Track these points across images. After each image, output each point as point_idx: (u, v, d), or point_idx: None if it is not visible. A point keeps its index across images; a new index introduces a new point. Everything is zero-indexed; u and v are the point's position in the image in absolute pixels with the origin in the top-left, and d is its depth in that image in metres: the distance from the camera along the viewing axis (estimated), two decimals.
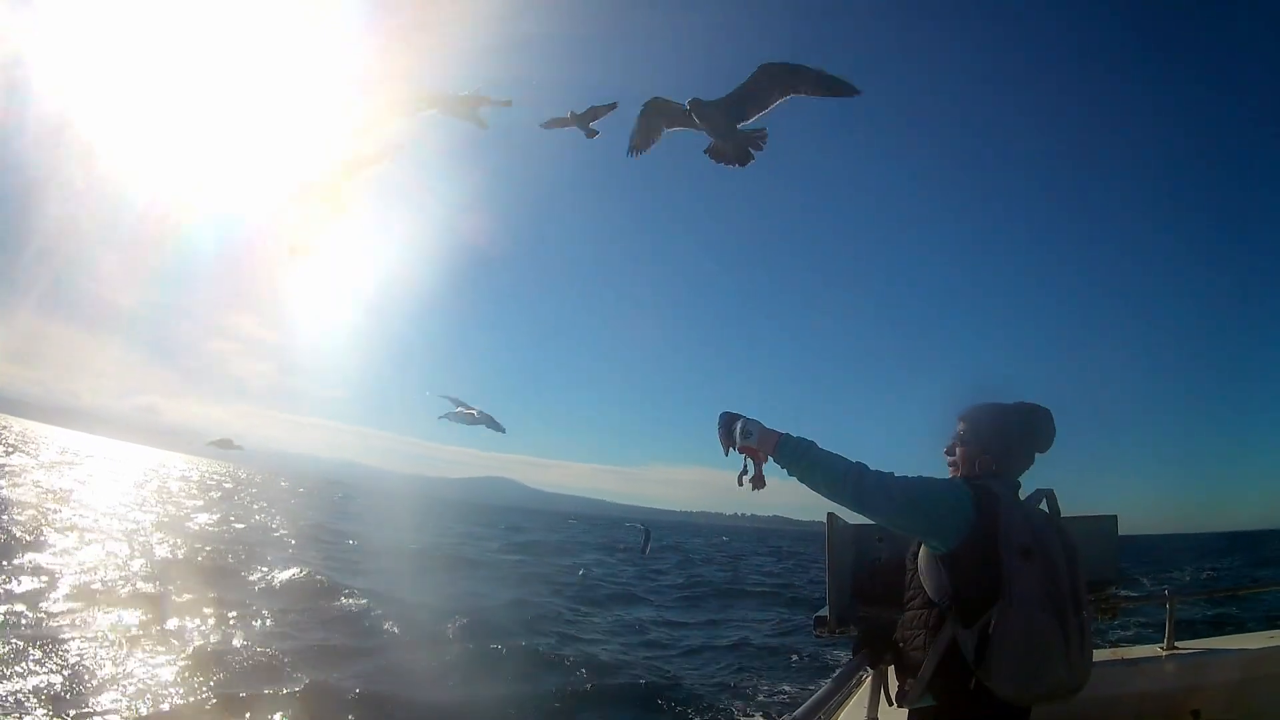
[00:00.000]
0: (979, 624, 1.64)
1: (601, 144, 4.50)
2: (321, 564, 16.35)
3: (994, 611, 1.61)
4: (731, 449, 1.83)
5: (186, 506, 28.78)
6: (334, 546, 21.74)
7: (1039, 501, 1.81)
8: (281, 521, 26.91)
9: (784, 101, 3.29)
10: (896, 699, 1.90)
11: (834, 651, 8.67)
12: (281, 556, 16.75)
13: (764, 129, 3.33)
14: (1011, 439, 1.86)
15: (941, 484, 1.81)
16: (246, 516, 28.64)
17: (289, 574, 13.73)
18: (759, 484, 1.88)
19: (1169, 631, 3.28)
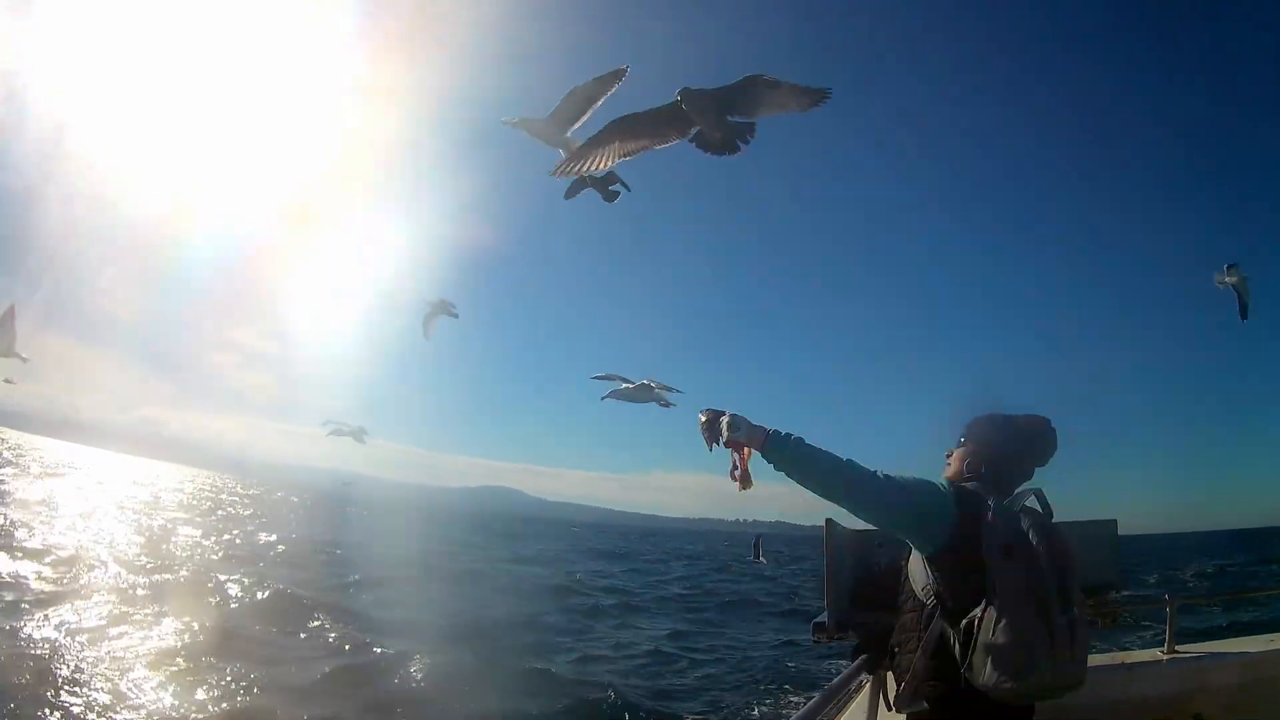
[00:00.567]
0: (964, 623, 1.62)
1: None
2: (310, 577, 16.09)
3: (978, 610, 1.60)
4: (716, 444, 1.79)
5: (173, 519, 28.52)
6: (327, 558, 21.54)
7: (1026, 500, 1.78)
8: (276, 534, 26.72)
9: (765, 117, 3.22)
10: (894, 703, 1.87)
11: (831, 659, 8.60)
12: (270, 569, 16.47)
13: (754, 122, 3.27)
14: (1009, 455, 1.87)
15: (926, 484, 1.80)
16: (238, 527, 28.45)
17: (273, 589, 13.09)
18: (746, 482, 1.83)
19: (1169, 635, 3.27)
